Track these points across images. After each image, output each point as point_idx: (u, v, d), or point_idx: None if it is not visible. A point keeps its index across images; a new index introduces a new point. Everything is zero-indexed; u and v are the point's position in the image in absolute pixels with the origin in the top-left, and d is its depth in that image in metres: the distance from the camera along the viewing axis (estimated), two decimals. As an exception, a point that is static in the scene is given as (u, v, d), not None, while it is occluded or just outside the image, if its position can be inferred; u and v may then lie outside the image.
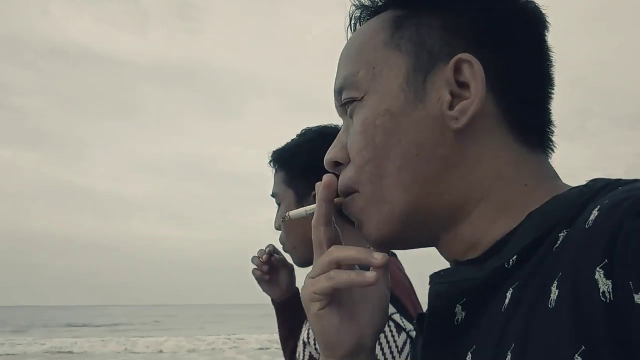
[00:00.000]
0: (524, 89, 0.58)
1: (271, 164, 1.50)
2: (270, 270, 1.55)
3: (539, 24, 0.60)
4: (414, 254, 0.67)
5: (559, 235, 0.48)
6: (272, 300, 1.61)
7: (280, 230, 1.49)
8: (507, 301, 0.51)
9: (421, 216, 0.59)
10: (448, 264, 0.63)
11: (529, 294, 0.48)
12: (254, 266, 1.57)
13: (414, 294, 1.29)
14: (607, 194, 0.47)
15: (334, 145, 0.65)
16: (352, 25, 0.67)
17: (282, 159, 1.47)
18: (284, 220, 0.75)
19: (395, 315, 1.13)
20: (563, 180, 0.60)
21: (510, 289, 0.51)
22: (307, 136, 1.45)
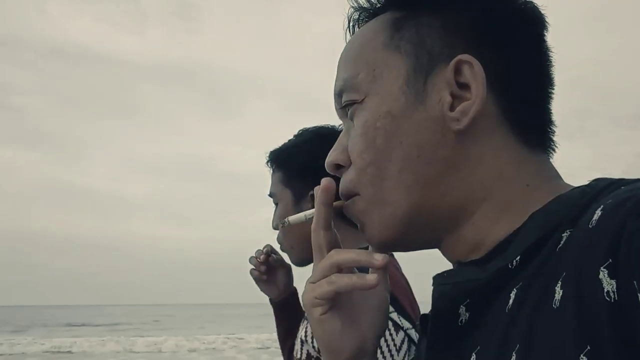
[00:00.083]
0: (524, 89, 0.58)
1: (269, 164, 1.51)
2: (268, 270, 1.55)
3: (538, 24, 0.60)
4: (412, 255, 0.67)
5: (562, 235, 0.48)
6: (270, 300, 1.62)
7: (277, 230, 1.50)
8: (511, 302, 0.51)
9: (423, 218, 0.59)
10: (446, 264, 0.63)
11: (533, 295, 0.48)
12: (252, 266, 1.57)
13: (411, 294, 1.30)
14: (610, 194, 0.47)
15: (334, 148, 0.64)
16: (351, 27, 0.67)
17: (280, 159, 1.48)
18: (283, 225, 0.75)
19: (393, 315, 1.13)
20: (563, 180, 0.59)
21: (514, 290, 0.51)
22: (305, 136, 1.46)
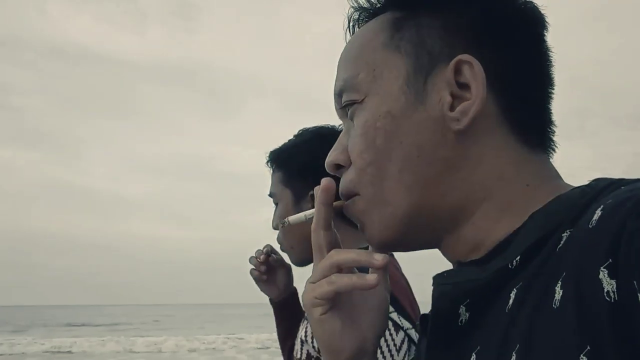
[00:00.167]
0: (524, 89, 0.58)
1: (268, 164, 1.51)
2: (268, 270, 1.55)
3: (538, 24, 0.60)
4: (412, 255, 0.67)
5: (563, 235, 0.48)
6: (270, 300, 1.62)
7: (277, 230, 1.50)
8: (511, 302, 0.51)
9: (423, 218, 0.59)
10: (446, 264, 0.63)
11: (533, 295, 0.48)
12: (252, 266, 1.57)
13: (411, 294, 1.30)
14: (610, 194, 0.47)
15: (334, 148, 0.64)
16: (351, 27, 0.67)
17: (280, 159, 1.48)
18: (283, 225, 0.75)
19: (393, 314, 1.13)
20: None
21: (514, 290, 0.51)
22: (304, 136, 1.46)
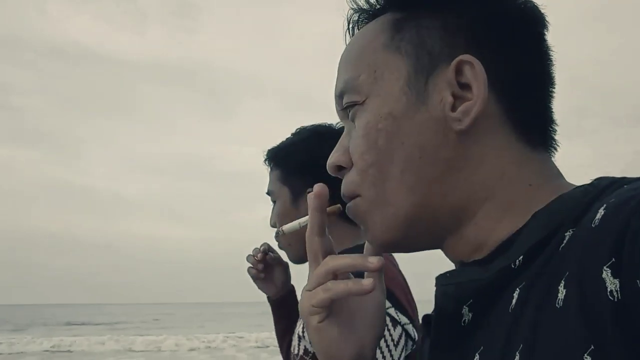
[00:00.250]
0: (525, 89, 0.58)
1: (266, 162, 1.52)
2: (266, 268, 1.55)
3: (538, 23, 0.60)
4: (412, 255, 0.67)
5: (565, 234, 0.48)
6: (268, 297, 1.62)
7: (275, 228, 1.50)
8: (514, 301, 0.51)
9: (425, 218, 0.59)
10: (446, 264, 0.63)
11: (536, 294, 0.48)
12: (250, 264, 1.58)
13: (409, 291, 1.30)
14: (613, 193, 0.47)
15: (336, 150, 0.64)
16: (351, 29, 0.67)
17: (277, 157, 1.49)
18: (277, 235, 0.75)
19: (390, 310, 1.14)
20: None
21: (517, 289, 0.51)
22: (302, 135, 1.46)
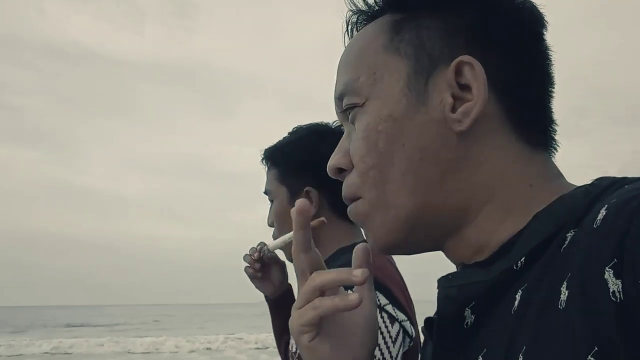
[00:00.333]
0: (525, 89, 0.58)
1: (264, 161, 1.52)
2: (263, 267, 1.55)
3: (537, 23, 0.60)
4: (412, 255, 0.66)
5: (567, 235, 0.48)
6: (266, 297, 1.62)
7: (273, 227, 1.50)
8: (517, 303, 0.50)
9: (427, 220, 0.58)
10: (445, 264, 0.63)
11: (538, 296, 0.48)
12: (247, 264, 1.57)
13: (405, 289, 1.30)
14: (614, 193, 0.47)
15: (336, 152, 0.64)
16: (350, 30, 0.67)
17: (275, 157, 1.49)
18: (261, 251, 0.73)
19: (388, 307, 1.14)
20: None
21: (520, 291, 0.51)
22: (299, 134, 1.46)
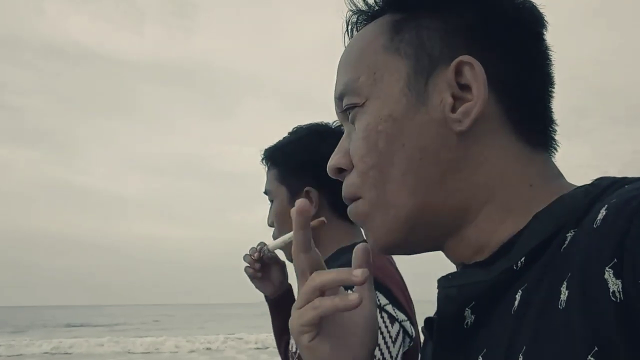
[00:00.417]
0: (525, 89, 0.58)
1: (264, 161, 1.52)
2: (263, 267, 1.55)
3: (537, 23, 0.60)
4: (412, 255, 0.66)
5: (567, 235, 0.48)
6: (266, 297, 1.62)
7: (273, 227, 1.50)
8: (517, 303, 0.50)
9: (427, 220, 0.58)
10: (444, 263, 0.63)
11: (538, 296, 0.48)
12: (247, 264, 1.57)
13: (405, 289, 1.30)
14: (614, 193, 0.47)
15: (336, 152, 0.64)
16: (349, 30, 0.67)
17: (275, 157, 1.49)
18: (262, 253, 0.73)
19: (388, 307, 1.14)
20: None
21: (520, 291, 0.51)
22: (299, 134, 1.46)
